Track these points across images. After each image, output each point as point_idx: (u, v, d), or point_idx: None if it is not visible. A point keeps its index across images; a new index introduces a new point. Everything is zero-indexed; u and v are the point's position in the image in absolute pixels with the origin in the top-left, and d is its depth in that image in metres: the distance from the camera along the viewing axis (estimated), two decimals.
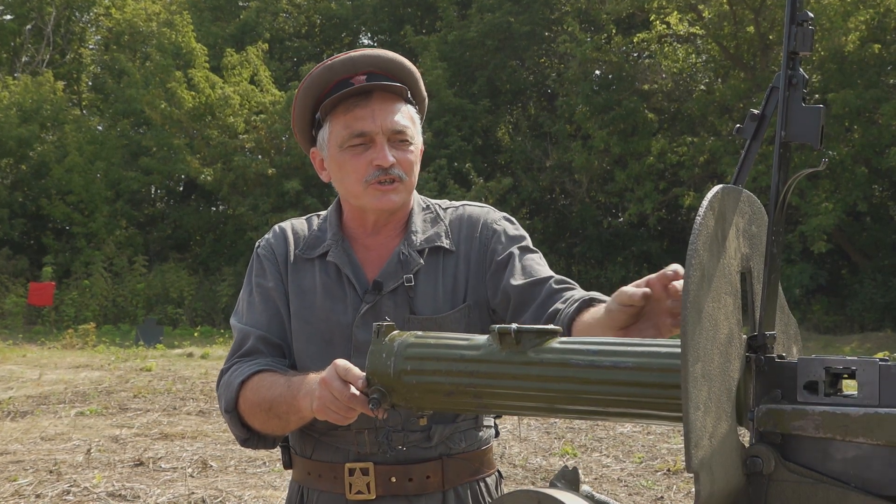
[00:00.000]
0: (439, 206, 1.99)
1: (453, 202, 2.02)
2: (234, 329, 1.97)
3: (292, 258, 1.95)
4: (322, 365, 1.76)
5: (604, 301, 1.64)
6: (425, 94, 1.97)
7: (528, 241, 1.95)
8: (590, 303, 1.67)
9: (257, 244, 2.02)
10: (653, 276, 1.42)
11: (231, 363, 1.90)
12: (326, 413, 1.59)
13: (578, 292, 1.76)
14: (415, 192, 1.98)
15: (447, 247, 1.92)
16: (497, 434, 2.02)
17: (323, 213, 2.04)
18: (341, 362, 1.58)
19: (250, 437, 1.86)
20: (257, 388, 1.80)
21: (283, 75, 23.35)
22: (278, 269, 1.95)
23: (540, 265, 1.89)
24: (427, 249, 1.91)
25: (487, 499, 1.92)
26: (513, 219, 1.99)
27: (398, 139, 1.84)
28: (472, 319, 1.89)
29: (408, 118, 1.87)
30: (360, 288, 1.89)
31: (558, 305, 1.75)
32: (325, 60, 1.88)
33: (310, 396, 1.66)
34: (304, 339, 1.90)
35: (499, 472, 2.01)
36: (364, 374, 1.49)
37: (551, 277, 1.84)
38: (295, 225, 2.01)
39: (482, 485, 1.92)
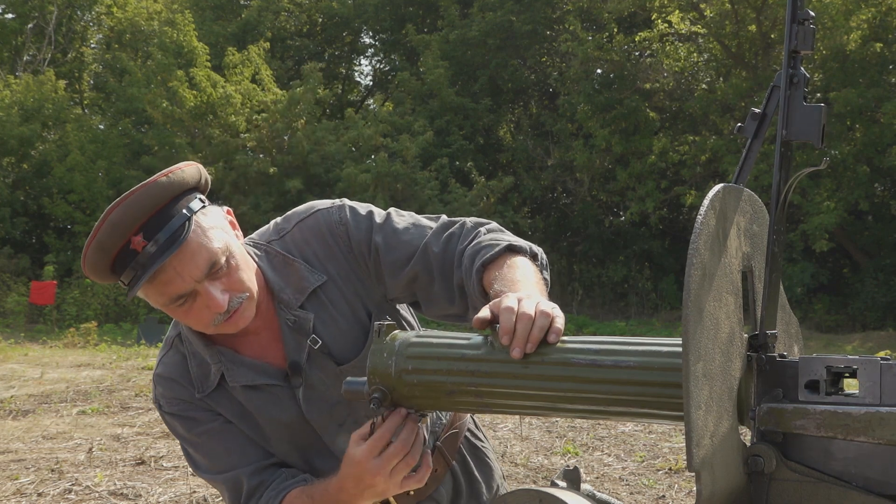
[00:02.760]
0: (273, 243, 1.82)
1: (279, 225, 1.85)
2: (214, 483, 1.83)
3: (201, 398, 1.80)
4: (310, 463, 1.79)
5: (492, 249, 1.62)
6: (194, 170, 1.71)
7: (377, 215, 1.80)
8: (482, 269, 1.62)
9: (158, 406, 1.85)
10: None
11: None
12: (406, 482, 1.54)
13: (468, 248, 1.68)
14: (244, 248, 1.78)
15: (318, 282, 1.77)
16: None
17: (174, 333, 1.85)
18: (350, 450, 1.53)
19: None
20: None
21: (285, 74, 23.36)
22: (202, 408, 1.80)
23: (407, 233, 1.76)
24: (304, 300, 1.77)
25: (477, 443, 1.99)
26: (345, 202, 1.83)
27: (215, 270, 1.65)
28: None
29: (210, 239, 1.66)
30: (279, 380, 1.78)
31: (460, 277, 1.68)
32: (91, 235, 1.63)
33: (363, 477, 1.54)
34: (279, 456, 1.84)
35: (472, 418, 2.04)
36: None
37: (426, 243, 1.73)
38: (170, 367, 1.83)
39: (467, 434, 1.98)
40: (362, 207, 1.83)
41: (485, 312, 1.38)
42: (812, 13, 1.13)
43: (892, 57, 17.91)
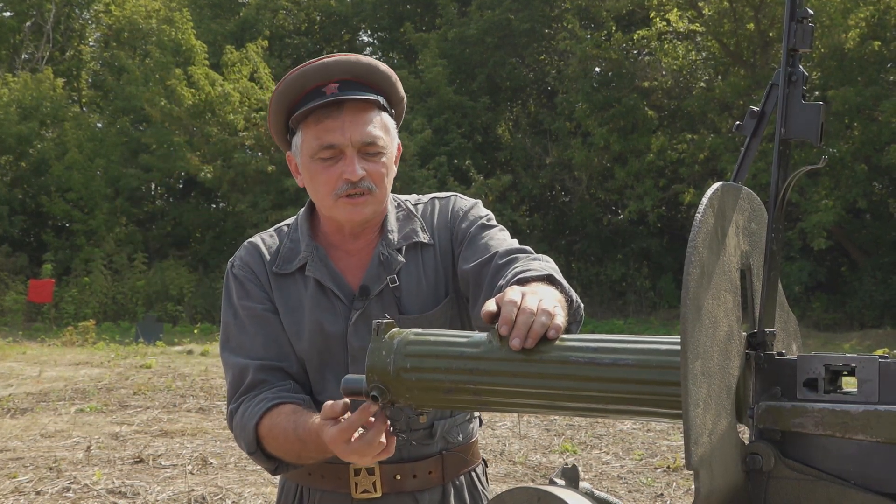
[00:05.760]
0: (409, 202, 1.99)
1: (421, 197, 2.01)
2: (226, 363, 1.90)
3: (270, 275, 1.91)
4: (320, 378, 1.84)
5: (533, 279, 1.62)
6: (403, 94, 1.94)
7: (489, 219, 1.94)
8: (517, 284, 1.63)
9: (230, 264, 1.96)
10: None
11: (238, 402, 1.84)
12: (370, 453, 1.53)
13: (517, 267, 1.73)
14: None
15: (425, 240, 1.92)
16: (480, 424, 2.06)
17: (291, 220, 2.00)
18: (327, 424, 1.54)
19: (279, 464, 1.83)
20: (276, 436, 1.74)
21: (283, 72, 23.28)
22: (261, 287, 1.91)
23: (495, 240, 1.87)
24: (405, 247, 1.91)
25: (479, 487, 1.99)
26: (478, 202, 1.99)
27: (369, 151, 1.82)
28: (455, 311, 1.90)
29: (380, 127, 1.84)
30: (346, 296, 1.88)
31: (501, 283, 1.73)
32: (299, 65, 1.84)
33: (334, 452, 1.58)
34: (300, 356, 1.88)
35: (484, 461, 2.07)
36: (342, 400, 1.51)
37: (497, 253, 1.82)
38: (265, 239, 1.97)
39: (474, 475, 1.99)
40: (485, 209, 1.98)
41: (491, 305, 1.40)
42: (810, 11, 1.13)
43: (890, 55, 17.91)
